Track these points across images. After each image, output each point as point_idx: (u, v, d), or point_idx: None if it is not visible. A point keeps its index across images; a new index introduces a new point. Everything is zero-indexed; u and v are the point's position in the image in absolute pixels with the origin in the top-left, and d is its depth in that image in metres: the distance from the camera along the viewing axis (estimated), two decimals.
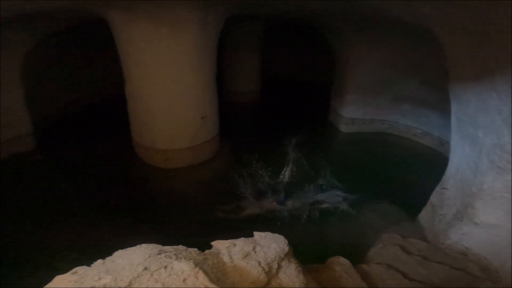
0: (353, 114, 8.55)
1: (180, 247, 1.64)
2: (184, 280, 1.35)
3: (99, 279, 1.33)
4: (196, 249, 1.71)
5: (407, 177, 6.62)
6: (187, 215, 5.42)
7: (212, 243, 1.87)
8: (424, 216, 4.50)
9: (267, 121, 9.72)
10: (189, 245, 1.83)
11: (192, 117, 6.38)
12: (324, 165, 6.69)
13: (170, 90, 6.03)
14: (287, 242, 1.92)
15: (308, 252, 4.45)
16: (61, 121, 8.35)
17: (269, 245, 1.86)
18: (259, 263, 1.69)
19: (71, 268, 3.99)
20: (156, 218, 5.34)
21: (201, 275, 1.38)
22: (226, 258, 1.70)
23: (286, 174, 6.36)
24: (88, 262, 4.14)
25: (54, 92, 8.08)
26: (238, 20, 7.94)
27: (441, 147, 7.41)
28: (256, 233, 2.00)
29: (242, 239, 1.88)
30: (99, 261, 1.46)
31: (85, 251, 4.38)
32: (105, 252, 4.46)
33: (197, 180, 6.58)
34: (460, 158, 3.88)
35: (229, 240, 1.87)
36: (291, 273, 1.75)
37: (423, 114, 7.79)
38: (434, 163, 6.95)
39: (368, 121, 8.59)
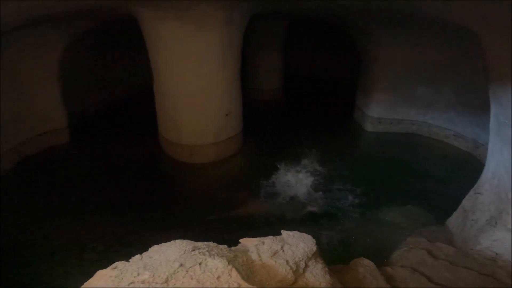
0: (380, 113, 8.30)
1: (211, 243, 1.67)
2: (218, 277, 1.38)
3: (138, 274, 1.37)
4: (226, 246, 1.74)
5: (437, 181, 6.35)
6: (209, 211, 5.49)
7: (240, 240, 1.89)
8: (453, 220, 4.34)
9: (290, 119, 9.65)
10: (213, 240, 1.84)
11: (217, 113, 6.48)
12: (346, 166, 6.60)
13: (196, 87, 6.15)
14: (314, 241, 1.92)
15: (330, 252, 4.41)
16: (92, 116, 8.73)
17: (297, 244, 1.86)
18: (287, 262, 1.70)
19: (98, 259, 4.16)
20: (180, 213, 5.44)
21: (234, 273, 1.40)
22: (254, 256, 1.71)
23: (302, 175, 6.30)
24: (112, 254, 4.29)
25: (87, 88, 8.47)
26: (262, 18, 7.93)
27: (475, 150, 7.04)
28: (284, 232, 2.00)
29: (270, 237, 1.89)
30: (137, 256, 1.50)
31: (112, 244, 4.58)
32: (132, 245, 4.63)
33: (220, 176, 6.68)
34: (498, 162, 3.68)
35: (258, 238, 1.88)
36: (317, 273, 1.75)
37: (457, 115, 7.42)
38: (467, 167, 6.64)
39: (396, 121, 8.30)
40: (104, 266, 4.33)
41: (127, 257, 4.40)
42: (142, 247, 4.51)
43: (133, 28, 6.50)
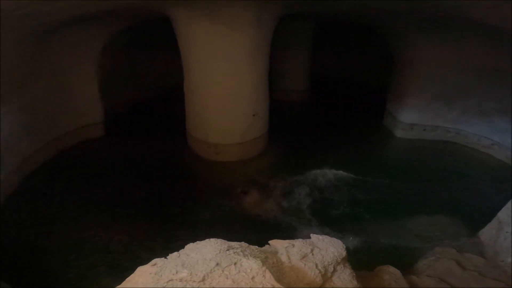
0: (413, 119, 7.99)
1: (243, 243, 1.70)
2: (253, 278, 1.40)
3: (177, 272, 1.42)
4: (257, 247, 1.77)
5: (472, 191, 6.04)
6: (231, 209, 5.56)
7: (270, 241, 1.91)
8: (486, 232, 4.13)
9: (316, 122, 9.52)
10: (237, 240, 1.87)
11: (244, 113, 6.55)
12: (374, 172, 6.43)
13: (225, 86, 6.25)
14: (344, 247, 1.92)
15: (353, 257, 4.33)
16: (125, 112, 9.10)
17: (327, 248, 1.86)
18: (316, 265, 1.71)
19: (123, 252, 4.28)
20: (202, 209, 5.54)
21: (268, 274, 1.43)
22: (284, 258, 1.73)
23: (325, 180, 6.22)
24: (136, 247, 4.39)
25: (121, 86, 8.86)
26: (290, 18, 7.92)
27: None
28: (313, 236, 2.00)
29: (300, 240, 1.90)
30: (175, 253, 1.55)
31: (136, 237, 4.77)
32: (155, 239, 4.77)
33: (243, 175, 6.71)
34: None
35: (287, 240, 1.90)
36: (345, 278, 1.74)
37: (497, 123, 7.00)
38: (504, 178, 6.27)
39: (430, 127, 7.95)
40: (129, 259, 4.49)
41: (150, 250, 4.56)
42: (164, 242, 4.65)
43: (166, 29, 6.72)
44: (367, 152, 7.53)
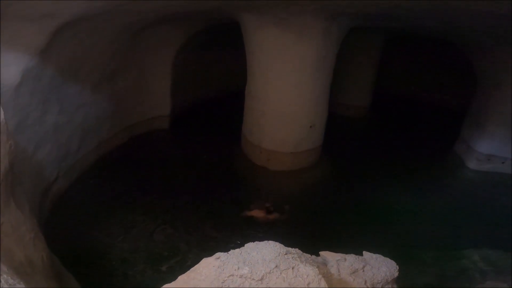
0: (492, 150, 7.09)
1: (298, 250, 1.76)
2: (308, 284, 1.45)
3: (238, 268, 1.50)
4: (309, 255, 1.82)
5: None
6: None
7: (321, 253, 1.95)
8: None
9: (374, 141, 8.87)
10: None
11: (302, 124, 6.51)
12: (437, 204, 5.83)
13: (286, 95, 6.29)
14: (397, 268, 1.87)
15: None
16: (190, 109, 9.75)
17: (379, 267, 1.85)
18: (365, 282, 1.71)
19: (164, 241, 4.53)
20: (244, 213, 5.61)
21: (323, 283, 1.46)
22: (333, 270, 1.76)
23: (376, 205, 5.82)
24: (176, 239, 4.54)
25: (189, 84, 9.52)
26: (359, 30, 7.58)
27: None
28: (366, 253, 1.99)
29: (353, 255, 1.91)
30: (237, 250, 1.64)
31: (178, 229, 5.06)
32: (192, 234, 5.07)
33: (291, 186, 6.68)
34: None
35: (339, 254, 1.92)
36: None
37: None
38: None
39: (511, 161, 6.98)
40: (166, 249, 4.51)
41: (187, 244, 4.75)
42: (201, 238, 4.76)
43: (233, 33, 7.02)
44: (430, 181, 6.90)
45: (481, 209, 6.06)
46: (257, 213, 5.56)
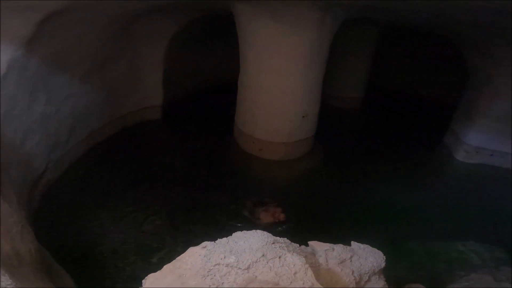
0: (480, 142, 7.18)
1: (286, 240, 1.75)
2: (295, 273, 1.45)
3: (224, 257, 1.50)
4: (298, 245, 1.82)
5: None
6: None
7: (310, 242, 1.95)
8: None
9: (365, 132, 8.94)
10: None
11: (294, 114, 6.51)
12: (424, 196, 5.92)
13: (279, 85, 6.27)
14: (384, 258, 1.89)
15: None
16: (181, 99, 9.63)
17: (366, 257, 1.86)
18: (353, 272, 1.72)
19: (154, 233, 4.56)
20: (237, 203, 5.60)
21: (310, 272, 1.47)
22: (322, 260, 1.77)
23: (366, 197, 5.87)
24: (165, 231, 4.55)
25: (180, 75, 9.36)
26: (353, 22, 7.51)
27: None
28: (354, 243, 2.00)
29: (341, 245, 1.92)
30: (224, 239, 1.63)
31: (168, 220, 5.04)
32: (179, 227, 4.94)
33: (283, 175, 6.72)
34: None
35: (328, 244, 1.92)
36: None
37: None
38: None
39: (499, 153, 7.09)
40: (155, 240, 4.71)
41: (174, 234, 4.77)
42: (189, 228, 4.74)
43: (225, 24, 6.91)
44: (418, 173, 7.00)
45: (468, 201, 6.16)
46: (266, 218, 5.15)
